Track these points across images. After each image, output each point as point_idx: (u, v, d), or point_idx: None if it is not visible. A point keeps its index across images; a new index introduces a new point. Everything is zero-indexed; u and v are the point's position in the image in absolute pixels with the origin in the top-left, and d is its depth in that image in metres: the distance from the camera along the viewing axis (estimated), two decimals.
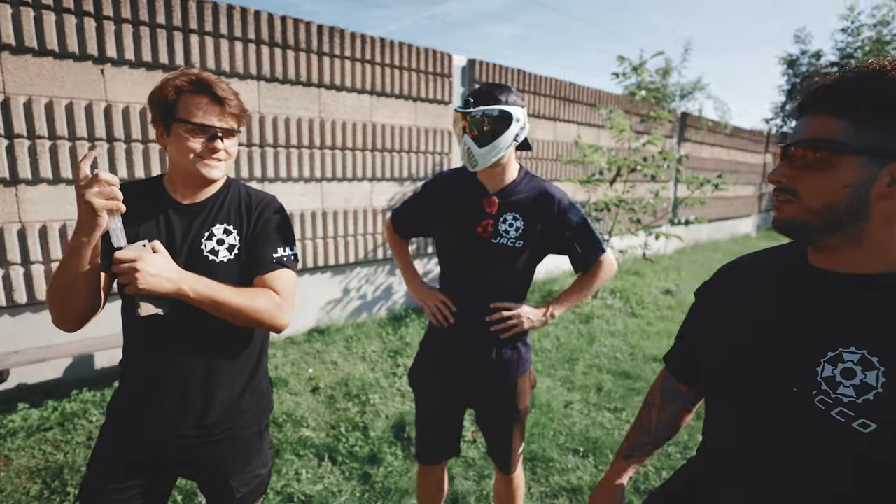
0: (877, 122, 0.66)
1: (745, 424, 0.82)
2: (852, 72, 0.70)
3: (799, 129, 0.74)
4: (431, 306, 1.55)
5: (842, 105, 0.69)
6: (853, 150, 0.67)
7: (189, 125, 1.09)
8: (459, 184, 1.55)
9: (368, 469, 2.40)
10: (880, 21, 13.60)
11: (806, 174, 0.72)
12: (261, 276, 1.19)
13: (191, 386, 1.18)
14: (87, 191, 0.93)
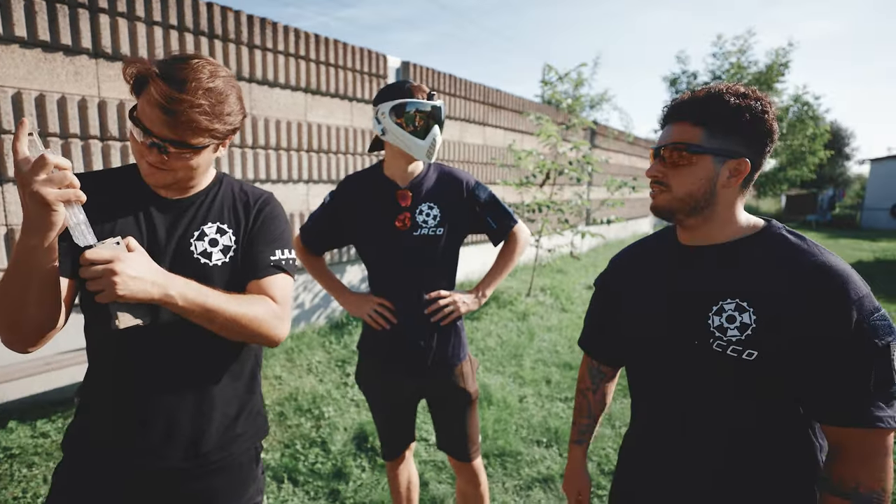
0: (722, 131, 0.87)
1: (663, 382, 0.99)
2: (704, 91, 0.91)
3: (666, 135, 0.93)
4: (370, 312, 1.53)
5: (698, 116, 0.89)
6: (706, 151, 0.88)
7: (133, 123, 0.90)
8: (368, 185, 1.56)
9: (335, 485, 2.26)
10: (740, 49, 15.89)
11: (673, 170, 0.91)
12: (257, 280, 1.03)
13: (179, 411, 1.01)
14: (34, 178, 0.73)
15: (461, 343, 1.60)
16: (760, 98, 0.89)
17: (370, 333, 1.60)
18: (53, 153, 0.76)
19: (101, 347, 1.02)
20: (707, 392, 0.92)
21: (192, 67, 0.91)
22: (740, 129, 0.88)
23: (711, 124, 0.88)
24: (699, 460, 0.94)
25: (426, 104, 1.42)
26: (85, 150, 2.80)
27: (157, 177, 0.96)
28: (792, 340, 0.82)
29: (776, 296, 0.85)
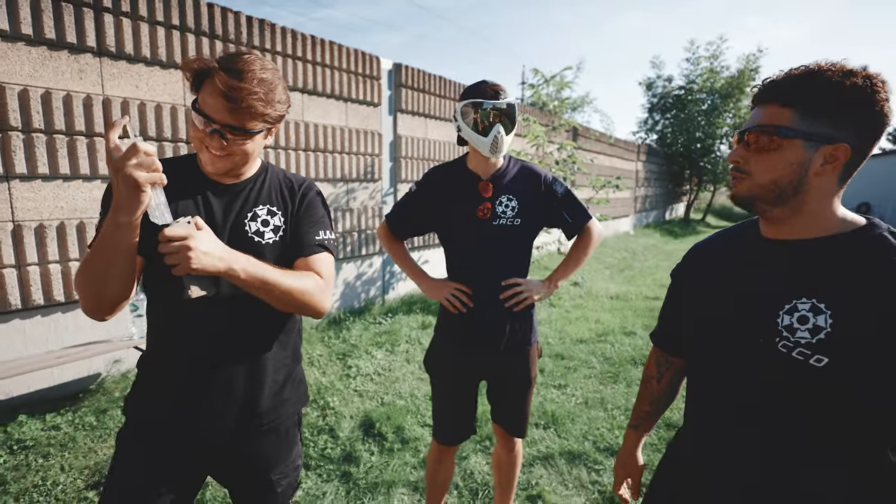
0: (815, 113, 0.79)
1: (724, 381, 0.93)
2: (797, 71, 0.82)
3: (753, 118, 0.86)
4: (447, 295, 1.62)
5: (788, 97, 0.81)
6: (797, 134, 0.79)
7: (196, 112, 1.01)
8: (452, 176, 1.65)
9: (346, 468, 2.36)
10: (712, 55, 16.47)
11: (756, 155, 0.84)
12: (304, 258, 1.14)
13: (236, 376, 1.11)
14: (126, 163, 0.83)
15: (532, 328, 1.67)
16: (870, 77, 0.77)
17: (446, 317, 1.68)
18: (143, 141, 0.87)
19: (165, 320, 1.12)
20: (766, 392, 0.85)
21: (247, 61, 1.02)
22: (839, 111, 0.78)
23: (803, 105, 0.80)
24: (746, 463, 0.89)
25: (489, 103, 1.49)
26: (90, 147, 2.84)
27: (217, 164, 1.06)
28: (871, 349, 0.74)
29: (861, 301, 0.76)
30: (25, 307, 2.68)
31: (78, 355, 2.63)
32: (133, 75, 3.00)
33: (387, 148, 4.97)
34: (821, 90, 0.79)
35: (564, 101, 6.34)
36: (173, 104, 3.19)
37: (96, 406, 2.76)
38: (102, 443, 2.46)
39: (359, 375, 3.40)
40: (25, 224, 2.65)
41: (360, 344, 3.89)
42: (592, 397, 3.18)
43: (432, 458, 1.81)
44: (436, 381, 1.74)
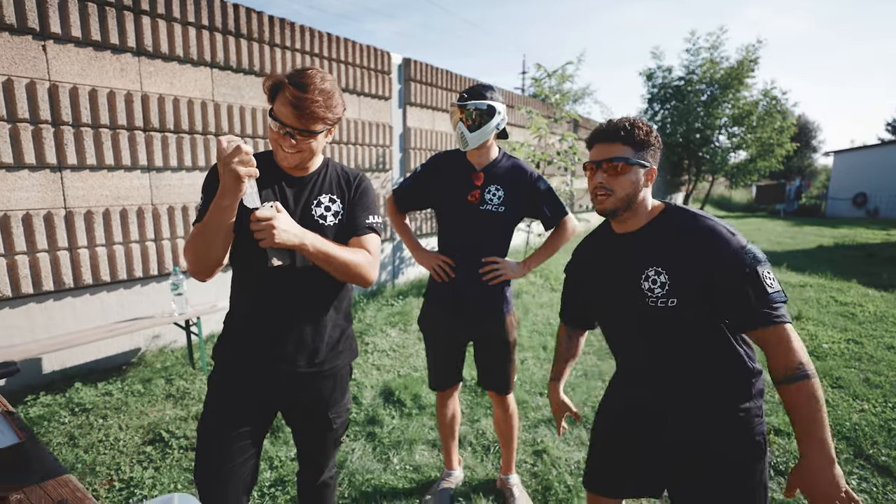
0: (638, 148, 1.22)
1: (621, 333, 1.36)
2: (620, 121, 1.23)
3: (602, 152, 1.24)
4: (434, 265, 1.90)
5: (626, 138, 1.22)
6: (636, 163, 1.21)
7: (272, 119, 1.26)
8: (453, 163, 1.92)
9: (371, 429, 2.64)
10: (712, 45, 16.57)
11: (615, 178, 1.22)
12: (357, 237, 1.39)
13: (303, 331, 1.37)
14: (232, 160, 1.10)
15: (506, 300, 1.92)
16: (646, 125, 1.24)
17: (433, 285, 1.95)
18: (245, 143, 1.13)
19: (249, 286, 1.37)
20: (657, 334, 1.25)
21: (310, 75, 1.27)
22: (647, 147, 1.23)
23: (634, 144, 1.21)
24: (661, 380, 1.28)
25: (463, 104, 1.77)
26: (131, 140, 3.09)
27: (290, 159, 1.32)
28: (696, 285, 1.16)
29: (677, 257, 1.19)
30: (77, 286, 2.95)
31: (126, 329, 2.90)
32: (168, 73, 3.24)
33: (397, 139, 5.21)
34: (640, 133, 1.22)
35: (566, 93, 6.55)
36: (203, 100, 3.43)
37: (141, 376, 3.04)
38: (151, 406, 2.74)
39: (375, 351, 3.68)
40: (76, 210, 2.91)
41: (374, 323, 4.17)
42: (591, 370, 3.47)
43: (437, 404, 2.12)
44: (426, 338, 2.03)
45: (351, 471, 2.26)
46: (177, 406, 2.76)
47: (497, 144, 1.94)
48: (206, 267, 1.25)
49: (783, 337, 1.11)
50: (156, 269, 3.29)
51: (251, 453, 1.37)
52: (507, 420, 2.07)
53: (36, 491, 1.09)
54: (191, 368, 3.20)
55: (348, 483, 2.18)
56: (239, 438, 1.34)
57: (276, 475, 2.20)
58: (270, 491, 2.10)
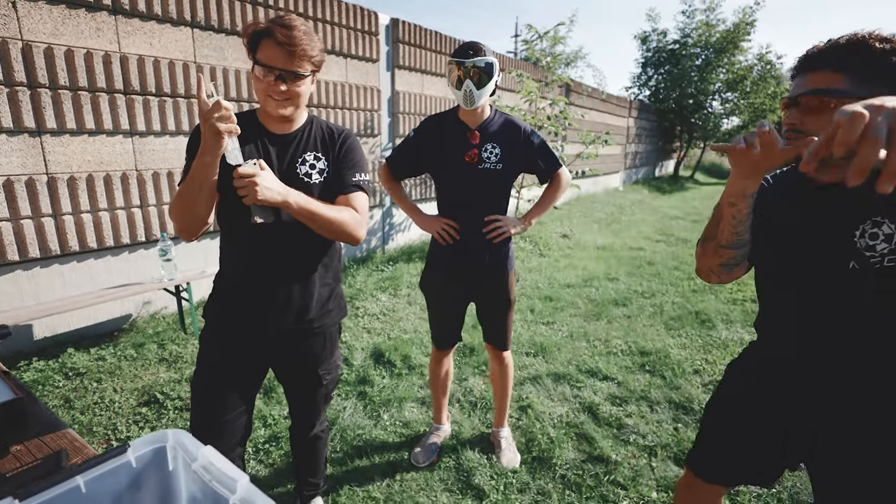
0: (863, 78, 0.89)
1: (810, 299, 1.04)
2: (842, 39, 0.92)
3: (802, 85, 0.94)
4: (438, 229, 1.91)
5: (839, 63, 0.90)
6: (851, 95, 0.87)
7: (259, 66, 1.24)
8: (446, 125, 1.90)
9: (362, 389, 2.72)
10: (709, 7, 16.22)
11: (811, 116, 0.92)
12: (344, 195, 1.39)
13: (292, 289, 1.39)
14: (212, 115, 1.10)
15: (509, 257, 1.95)
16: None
17: (437, 247, 1.97)
18: (224, 100, 1.12)
19: (236, 244, 1.38)
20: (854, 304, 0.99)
21: (292, 19, 1.26)
22: (885, 76, 0.87)
23: (853, 71, 0.88)
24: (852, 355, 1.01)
25: (462, 61, 1.73)
26: (111, 103, 3.02)
27: (283, 108, 1.29)
28: None
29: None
30: (64, 253, 2.94)
31: (115, 295, 2.92)
32: (146, 32, 3.14)
33: (385, 103, 5.13)
34: (866, 56, 0.88)
35: (557, 56, 6.43)
36: (185, 61, 3.34)
37: (133, 341, 3.08)
38: (144, 370, 2.79)
39: (366, 315, 3.75)
40: (58, 176, 2.87)
41: (365, 288, 4.22)
42: (577, 331, 3.56)
43: (433, 361, 2.17)
44: (429, 299, 2.07)
45: (342, 427, 2.34)
46: (170, 369, 2.81)
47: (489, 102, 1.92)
48: (191, 225, 1.26)
49: None
50: (143, 235, 3.28)
51: (244, 408, 1.42)
52: (504, 375, 2.14)
53: (35, 443, 1.14)
54: (182, 333, 3.24)
55: (340, 438, 2.26)
56: (232, 393, 1.39)
57: (269, 432, 2.28)
58: (265, 447, 2.18)
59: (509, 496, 1.93)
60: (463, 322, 2.10)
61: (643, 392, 2.72)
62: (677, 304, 4.20)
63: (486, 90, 1.76)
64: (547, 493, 1.95)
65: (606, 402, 2.62)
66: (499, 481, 2.00)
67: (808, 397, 1.10)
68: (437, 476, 2.04)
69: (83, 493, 0.62)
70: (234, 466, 0.62)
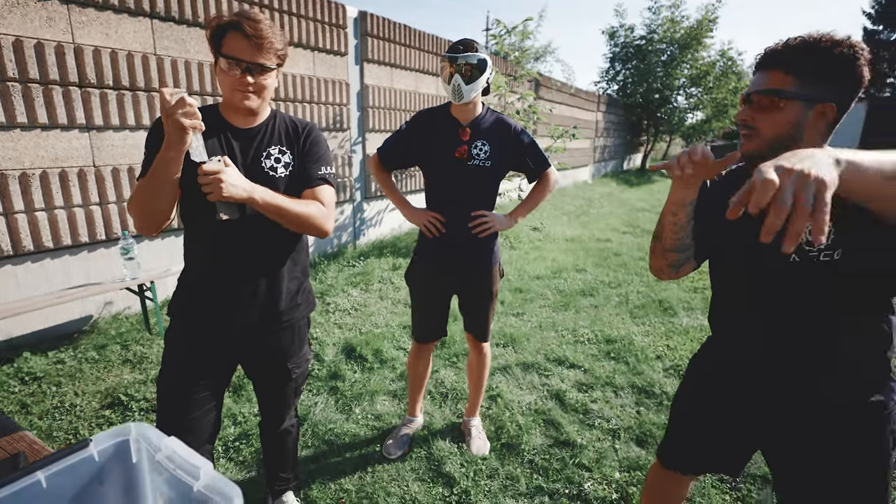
0: (811, 78, 0.94)
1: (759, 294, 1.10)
2: (795, 41, 0.97)
3: (757, 82, 1.00)
4: (425, 222, 1.93)
5: (789, 64, 0.96)
6: (796, 96, 0.95)
7: (226, 59, 1.23)
8: (437, 120, 1.92)
9: (333, 384, 2.73)
10: (673, 3, 16.63)
11: (761, 114, 0.99)
12: (310, 188, 1.39)
13: (259, 284, 1.39)
14: (175, 111, 1.09)
15: (494, 252, 1.99)
16: (853, 46, 0.92)
17: (424, 240, 2.00)
18: (188, 95, 1.12)
19: (201, 241, 1.37)
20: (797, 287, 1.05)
21: (255, 13, 1.26)
22: (830, 76, 0.94)
23: (802, 72, 0.94)
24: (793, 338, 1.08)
25: (453, 57, 1.74)
26: (65, 96, 2.91)
27: (250, 101, 1.29)
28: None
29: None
30: (17, 253, 2.83)
31: (75, 296, 2.82)
32: (102, 23, 3.03)
33: (354, 97, 5.09)
34: (816, 59, 0.94)
35: (525, 51, 6.50)
36: (144, 53, 3.24)
37: (95, 343, 2.99)
38: (108, 372, 2.72)
39: (337, 311, 3.74)
40: (9, 173, 2.75)
41: (336, 284, 4.20)
42: (546, 322, 3.65)
43: (412, 354, 2.19)
44: (414, 291, 2.08)
45: (314, 422, 2.35)
46: (135, 370, 2.75)
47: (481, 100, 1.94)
48: (152, 221, 1.25)
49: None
50: (103, 233, 3.18)
51: (212, 405, 1.42)
52: (481, 365, 2.18)
53: None
54: (147, 333, 3.17)
55: (311, 433, 2.27)
56: (199, 391, 1.38)
57: (239, 430, 2.27)
58: (235, 444, 2.17)
59: (479, 482, 1.98)
60: (447, 315, 2.12)
61: (608, 378, 2.83)
62: (642, 293, 4.35)
63: (475, 86, 1.77)
64: (515, 477, 2.01)
65: (573, 389, 2.71)
66: (469, 468, 2.05)
67: (761, 390, 1.16)
68: (409, 466, 2.07)
69: (44, 488, 0.62)
70: (197, 455, 0.63)
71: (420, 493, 1.92)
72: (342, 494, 1.91)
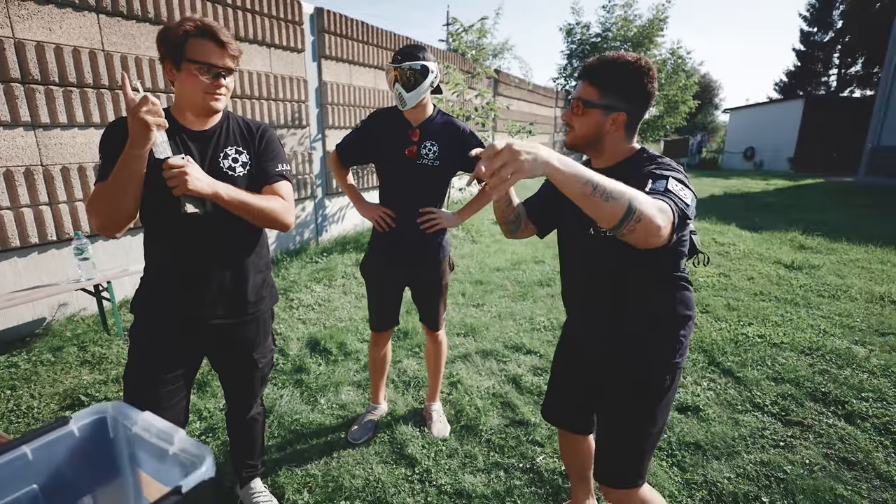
0: (607, 90, 1.20)
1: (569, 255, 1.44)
2: (603, 58, 1.21)
3: (577, 89, 1.26)
4: (376, 216, 2.04)
5: (593, 77, 1.21)
6: (595, 106, 1.21)
7: (197, 64, 1.29)
8: (391, 120, 2.02)
9: (298, 377, 2.79)
10: (626, 3, 17.19)
11: (576, 117, 1.25)
12: (269, 185, 1.46)
13: (224, 277, 1.45)
14: (140, 109, 1.14)
15: (442, 247, 2.11)
16: (639, 64, 1.18)
17: (375, 235, 2.10)
18: (152, 94, 1.17)
19: (164, 237, 1.41)
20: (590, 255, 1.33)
21: (212, 22, 1.32)
22: (620, 89, 1.19)
23: (602, 85, 1.19)
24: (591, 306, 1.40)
25: (396, 65, 1.85)
26: (7, 93, 2.82)
27: (220, 103, 1.36)
28: None
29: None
30: None
31: (27, 297, 2.76)
32: (44, 17, 2.94)
33: (313, 94, 5.08)
34: (612, 75, 1.20)
35: (482, 49, 6.65)
36: (91, 49, 3.16)
37: (50, 345, 2.93)
38: (65, 374, 2.68)
39: (301, 306, 3.78)
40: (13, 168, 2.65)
41: (299, 280, 4.23)
42: (504, 312, 3.81)
43: (371, 344, 2.30)
44: (368, 284, 2.19)
45: (279, 414, 2.41)
46: (94, 371, 2.72)
47: (432, 101, 2.04)
48: (117, 221, 1.28)
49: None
50: (54, 234, 3.10)
51: (180, 396, 1.47)
52: (437, 352, 2.31)
53: None
54: (105, 334, 3.12)
55: (277, 424, 2.33)
56: (166, 384, 1.42)
57: (205, 424, 2.30)
58: (201, 438, 2.20)
59: (439, 461, 2.10)
60: (400, 305, 2.23)
61: None
62: None
63: (417, 92, 1.88)
64: (473, 455, 2.15)
65: (529, 374, 2.87)
66: (430, 450, 2.17)
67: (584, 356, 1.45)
68: (373, 450, 2.17)
69: (30, 460, 0.70)
70: (171, 424, 0.72)
71: (384, 473, 2.02)
72: (308, 479, 1.99)
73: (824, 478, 1.99)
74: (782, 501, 1.89)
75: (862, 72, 24.77)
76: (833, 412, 2.46)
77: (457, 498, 1.90)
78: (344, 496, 1.89)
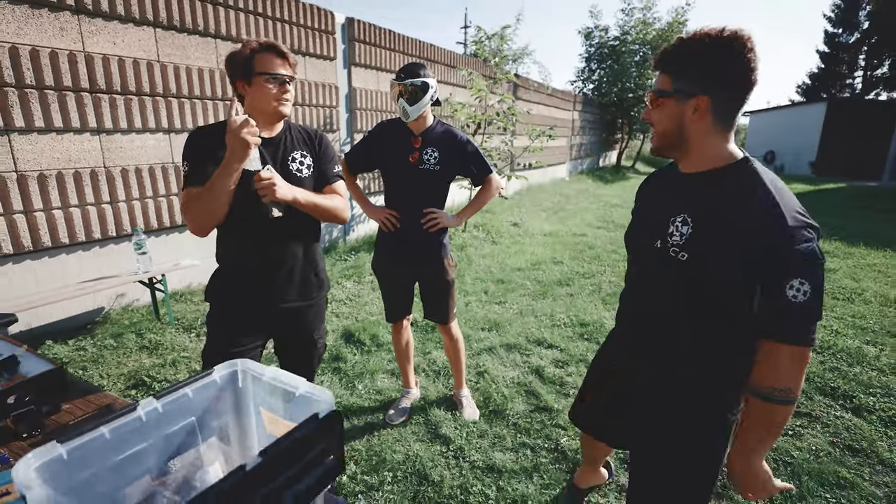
0: (681, 75, 1.03)
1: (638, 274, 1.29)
2: (674, 42, 1.05)
3: (654, 83, 1.12)
4: (382, 218, 2.25)
5: (665, 64, 1.07)
6: (668, 94, 1.05)
7: (266, 76, 1.49)
8: (395, 130, 2.23)
9: (336, 364, 3.02)
10: (645, 6, 17.20)
11: (654, 111, 1.11)
12: (329, 185, 1.69)
13: (294, 267, 1.67)
14: (242, 130, 1.35)
15: (443, 245, 2.30)
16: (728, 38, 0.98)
17: (382, 235, 2.31)
18: (248, 116, 1.38)
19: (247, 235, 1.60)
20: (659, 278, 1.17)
21: (270, 39, 1.55)
22: (698, 70, 1.01)
23: (675, 70, 1.04)
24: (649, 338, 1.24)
25: (400, 81, 2.07)
26: (78, 102, 3.10)
27: (286, 107, 1.56)
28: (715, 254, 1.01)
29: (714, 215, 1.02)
30: (36, 249, 3.02)
31: (93, 288, 3.04)
32: (110, 32, 3.22)
33: (343, 100, 5.33)
34: (683, 56, 1.03)
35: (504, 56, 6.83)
36: (148, 60, 3.44)
37: (111, 331, 3.21)
38: (127, 357, 2.95)
39: (334, 301, 4.01)
40: (28, 174, 2.94)
41: (330, 277, 4.47)
42: (526, 309, 4.00)
43: (393, 333, 2.51)
44: (379, 280, 2.41)
45: None
46: (152, 356, 2.99)
47: (431, 112, 2.25)
48: (211, 224, 1.49)
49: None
50: (114, 230, 3.38)
51: None
52: (453, 345, 2.50)
53: (82, 401, 1.38)
54: (158, 323, 3.39)
55: None
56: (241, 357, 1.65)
57: None
58: None
59: (471, 441, 2.30)
60: (411, 298, 2.43)
61: (581, 356, 3.18)
62: (613, 282, 4.74)
63: (419, 106, 2.09)
64: (502, 436, 2.35)
65: (551, 366, 3.05)
66: (462, 430, 2.38)
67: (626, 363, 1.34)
68: (410, 430, 2.38)
69: (190, 398, 0.92)
70: (294, 375, 0.93)
71: (422, 450, 2.23)
72: (354, 453, 2.21)
73: (829, 462, 2.15)
74: (788, 482, 2.04)
75: (889, 74, 24.27)
76: (841, 405, 2.60)
77: (489, 472, 2.10)
78: (387, 468, 2.10)
